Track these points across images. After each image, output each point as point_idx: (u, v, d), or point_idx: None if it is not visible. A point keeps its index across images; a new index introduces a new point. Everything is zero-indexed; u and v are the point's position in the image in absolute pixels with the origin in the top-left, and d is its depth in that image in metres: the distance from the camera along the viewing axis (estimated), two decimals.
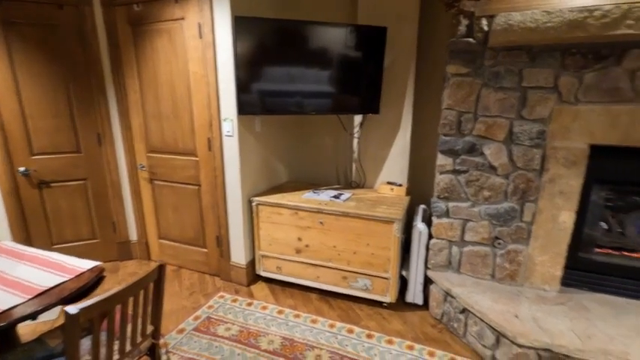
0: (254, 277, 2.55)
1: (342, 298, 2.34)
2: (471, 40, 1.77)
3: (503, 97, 1.79)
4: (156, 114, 2.47)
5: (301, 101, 2.24)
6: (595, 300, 1.87)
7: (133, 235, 2.80)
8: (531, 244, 1.91)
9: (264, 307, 2.23)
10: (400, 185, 2.47)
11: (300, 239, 2.31)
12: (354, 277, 2.23)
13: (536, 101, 1.73)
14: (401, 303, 2.28)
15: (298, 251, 2.33)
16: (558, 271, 1.90)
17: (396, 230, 2.04)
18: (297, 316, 2.15)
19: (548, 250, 1.89)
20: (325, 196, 2.40)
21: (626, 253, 2.00)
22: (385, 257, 2.12)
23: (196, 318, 2.12)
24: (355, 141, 2.64)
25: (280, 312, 2.18)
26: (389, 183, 2.53)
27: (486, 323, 1.78)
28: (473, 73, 1.83)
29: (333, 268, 2.27)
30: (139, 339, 1.23)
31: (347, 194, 2.45)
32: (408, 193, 2.48)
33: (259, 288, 2.48)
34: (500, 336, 1.72)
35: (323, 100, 2.27)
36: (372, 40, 2.21)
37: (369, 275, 2.19)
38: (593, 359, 1.52)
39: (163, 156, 2.55)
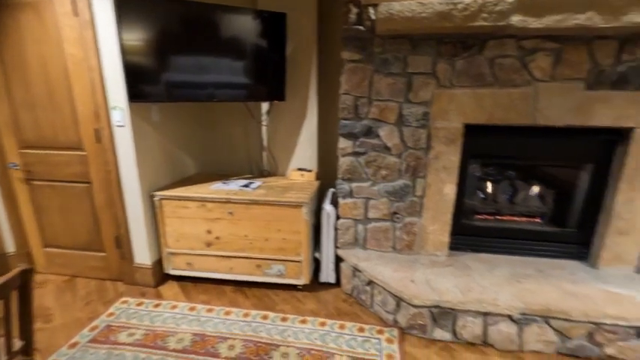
0: (162, 277, 2.39)
1: (257, 287, 2.33)
2: (361, 27, 1.87)
3: (393, 82, 1.94)
4: (28, 103, 2.13)
5: (202, 87, 2.14)
6: (476, 259, 2.17)
7: (10, 246, 2.40)
8: (424, 215, 2.13)
9: (174, 307, 2.11)
10: (310, 171, 2.54)
11: (209, 232, 2.22)
12: (268, 264, 2.23)
13: (420, 86, 1.91)
14: (316, 284, 2.36)
15: (209, 244, 2.25)
16: (446, 238, 2.15)
17: (305, 214, 2.09)
18: (210, 310, 2.08)
19: (437, 220, 2.12)
20: (235, 185, 2.35)
21: (498, 217, 2.34)
22: (297, 241, 2.16)
23: (93, 329, 1.92)
24: (264, 129, 2.62)
25: (192, 309, 2.09)
26: (299, 169, 2.57)
27: (388, 291, 1.94)
28: (365, 59, 1.94)
29: (247, 258, 2.25)
30: (2, 357, 1.06)
31: (257, 183, 2.42)
32: (318, 177, 2.55)
33: (169, 287, 2.34)
34: (399, 300, 1.89)
35: (227, 86, 2.20)
36: (272, 26, 2.20)
37: (283, 260, 2.21)
38: (471, 308, 1.77)
39: (41, 152, 2.22)
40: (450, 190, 2.07)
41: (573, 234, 2.15)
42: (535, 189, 2.34)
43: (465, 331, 1.82)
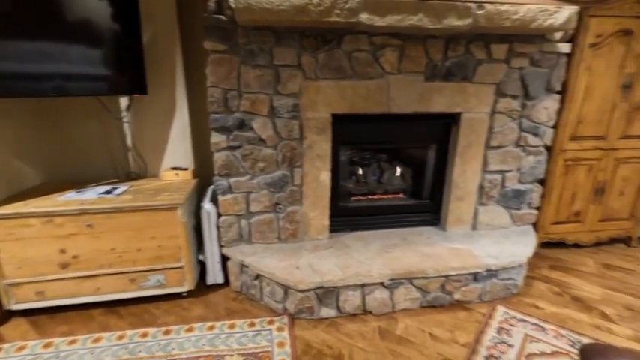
0: (3, 315, 1.94)
1: (134, 303, 2.10)
2: (221, 17, 1.80)
3: (261, 74, 1.93)
4: None
5: (41, 80, 1.77)
6: (353, 238, 2.37)
7: None
8: (304, 203, 2.21)
9: (22, 347, 1.74)
10: (186, 169, 2.37)
11: (63, 251, 1.89)
12: (144, 275, 2.02)
13: (287, 78, 1.95)
14: (203, 287, 2.24)
15: (65, 266, 1.91)
16: (326, 222, 2.29)
17: (181, 216, 1.95)
18: (73, 342, 1.78)
19: (317, 205, 2.23)
20: (93, 194, 2.03)
21: (370, 197, 2.60)
22: (175, 246, 2.01)
23: None
24: (126, 126, 2.32)
25: (48, 345, 1.76)
26: (174, 168, 2.38)
27: (275, 281, 1.97)
28: (230, 50, 1.88)
29: (117, 274, 1.99)
30: None
31: (123, 187, 2.15)
32: (196, 175, 2.41)
33: (13, 326, 1.91)
34: (286, 288, 1.94)
35: (76, 78, 1.86)
36: (123, 8, 1.94)
37: (162, 269, 2.03)
38: (350, 282, 1.93)
39: None
40: (326, 176, 2.20)
41: (427, 204, 2.53)
42: (397, 169, 2.67)
43: (348, 305, 1.98)
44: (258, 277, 2.06)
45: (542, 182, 2.50)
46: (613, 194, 2.66)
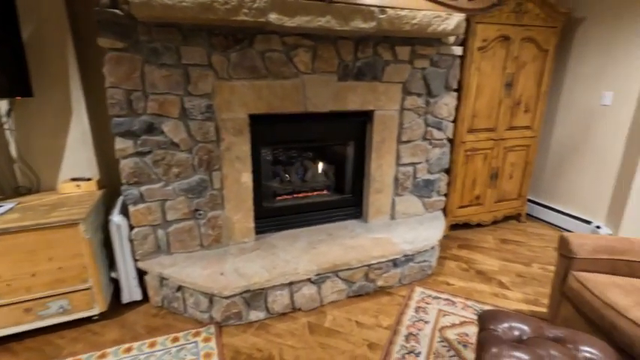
0: None
1: (32, 336, 1.83)
2: (117, 11, 1.65)
3: (168, 74, 1.82)
4: None
5: None
6: (280, 237, 2.37)
7: None
8: (226, 207, 2.15)
9: None
10: (89, 179, 2.13)
11: None
12: (43, 303, 1.78)
13: (198, 78, 1.87)
14: (119, 307, 2.05)
15: None
16: (251, 224, 2.25)
17: (83, 232, 1.75)
18: None
19: (240, 208, 2.19)
20: None
21: (295, 195, 2.62)
22: (79, 266, 1.80)
23: None
24: (8, 134, 2.01)
25: None
26: (74, 179, 2.12)
27: (199, 290, 1.88)
28: (131, 48, 1.74)
29: (7, 305, 1.72)
30: None
31: (9, 205, 1.86)
32: (102, 186, 2.18)
33: None
34: (211, 296, 1.87)
35: None
36: None
37: (65, 293, 1.81)
38: (277, 282, 1.93)
39: None
40: (247, 178, 2.16)
41: (350, 199, 2.64)
42: (320, 166, 2.74)
43: (276, 305, 1.98)
44: (180, 288, 1.95)
45: (447, 171, 2.78)
46: (504, 178, 3.07)
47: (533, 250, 2.80)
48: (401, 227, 2.53)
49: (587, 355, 1.24)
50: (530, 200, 3.37)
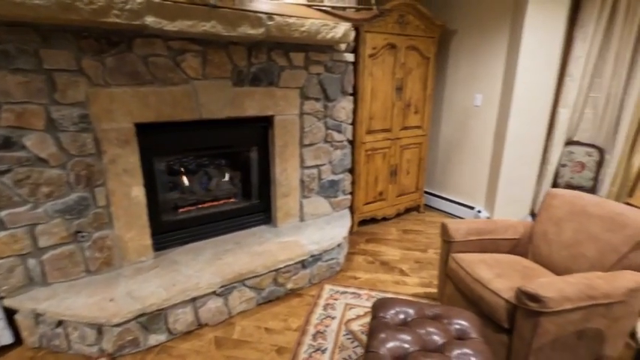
0: None
1: None
2: None
3: (26, 81, 1.59)
4: None
5: None
6: (183, 252, 2.24)
7: None
8: (116, 225, 1.96)
9: None
10: None
11: None
12: None
13: (66, 84, 1.67)
14: None
15: None
16: (148, 241, 2.09)
17: None
18: None
19: (133, 225, 2.01)
20: None
21: (200, 206, 2.50)
22: None
23: None
24: None
25: None
26: None
27: (83, 322, 1.68)
28: None
29: None
30: None
31: None
32: None
33: None
34: (99, 327, 1.69)
35: None
36: None
37: None
38: (178, 300, 1.82)
39: None
40: (139, 192, 2.00)
41: (258, 204, 2.62)
42: (225, 174, 2.67)
43: (179, 324, 1.87)
44: (61, 323, 1.71)
45: (351, 171, 2.93)
46: (403, 174, 3.35)
47: (430, 237, 3.11)
48: (310, 228, 2.60)
49: (457, 326, 1.41)
50: (427, 192, 3.74)
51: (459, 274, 1.81)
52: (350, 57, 2.59)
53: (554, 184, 2.95)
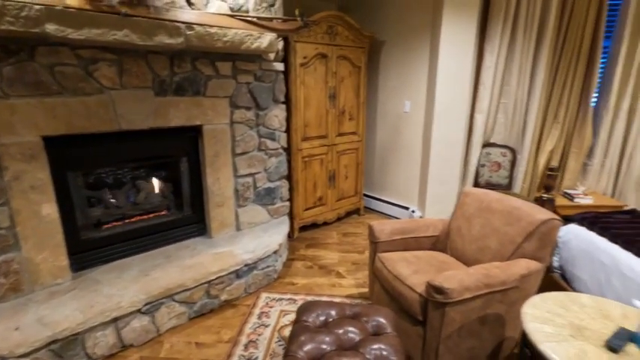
0: None
1: None
2: None
3: None
4: None
5: None
6: (107, 270, 2.12)
7: None
8: (23, 247, 1.81)
9: None
10: None
11: None
12: None
13: None
14: None
15: None
16: (64, 262, 1.95)
17: None
18: None
19: (45, 246, 1.87)
20: None
21: (127, 221, 2.39)
22: None
23: None
24: None
25: None
26: None
27: None
28: None
29: None
30: None
31: None
32: None
33: None
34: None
35: None
36: None
37: None
38: (97, 322, 1.72)
39: None
40: (51, 209, 1.86)
41: (191, 216, 2.55)
42: (155, 186, 2.57)
43: (99, 348, 1.76)
44: None
45: (288, 177, 2.96)
46: (341, 179, 3.45)
47: (367, 240, 3.22)
48: (246, 237, 2.58)
49: (375, 323, 1.48)
50: (366, 195, 3.88)
51: (383, 273, 1.90)
52: (280, 66, 2.64)
53: (476, 183, 3.21)
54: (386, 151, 3.71)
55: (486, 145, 3.17)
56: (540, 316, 1.26)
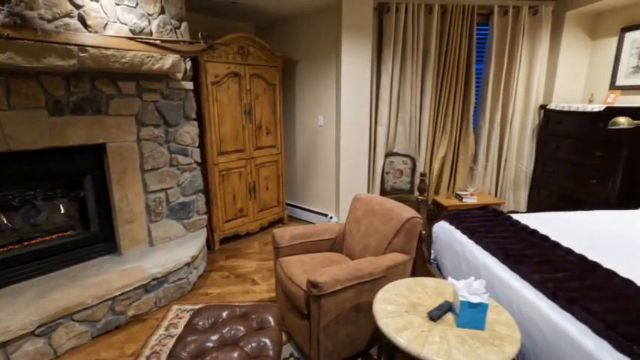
0: None
1: None
2: None
3: None
4: None
5: None
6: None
7: None
8: None
9: None
10: None
11: None
12: None
13: None
14: None
15: None
16: None
17: None
18: None
19: None
20: None
21: (26, 243, 2.31)
22: None
23: None
24: None
25: None
26: None
27: None
28: None
29: None
30: None
31: None
32: None
33: None
34: None
35: None
36: None
37: None
38: None
39: None
40: None
41: (99, 234, 2.53)
42: (60, 205, 2.51)
43: None
44: None
45: (206, 191, 3.05)
46: (262, 190, 3.60)
47: None
48: (158, 252, 2.61)
49: (260, 319, 1.64)
50: (290, 205, 4.07)
51: (281, 276, 2.07)
52: (189, 85, 2.75)
53: (382, 189, 3.55)
54: (306, 162, 3.95)
55: (389, 154, 3.53)
56: (388, 298, 1.51)
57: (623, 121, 2.45)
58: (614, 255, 1.68)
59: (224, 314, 1.69)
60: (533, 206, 3.59)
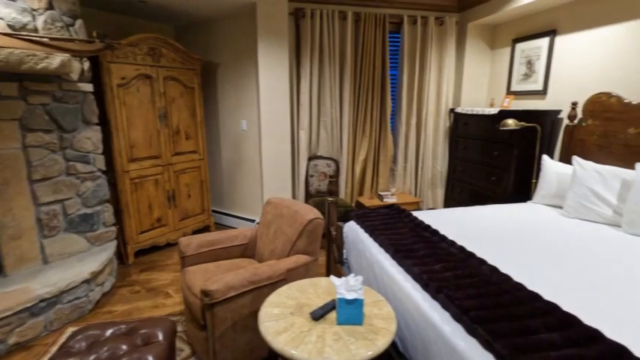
0: None
1: None
2: None
3: None
4: None
5: None
6: None
7: None
8: None
9: None
10: None
11: None
12: None
13: None
14: None
15: None
16: None
17: None
18: None
19: None
20: None
21: None
22: None
23: None
24: None
25: None
26: None
27: None
28: None
29: None
30: None
31: None
32: None
33: None
34: None
35: None
36: None
37: None
38: None
39: None
40: None
41: None
42: None
43: None
44: None
45: (117, 201, 2.84)
46: (183, 198, 3.45)
47: None
48: (53, 270, 2.37)
49: (145, 336, 1.54)
50: (217, 212, 3.94)
51: (183, 287, 1.98)
52: (88, 87, 2.55)
53: (307, 192, 3.57)
54: (231, 167, 3.86)
55: (313, 157, 3.57)
56: (276, 301, 1.49)
57: (510, 123, 2.71)
58: (491, 244, 1.83)
59: (107, 333, 1.56)
60: (448, 203, 3.83)
